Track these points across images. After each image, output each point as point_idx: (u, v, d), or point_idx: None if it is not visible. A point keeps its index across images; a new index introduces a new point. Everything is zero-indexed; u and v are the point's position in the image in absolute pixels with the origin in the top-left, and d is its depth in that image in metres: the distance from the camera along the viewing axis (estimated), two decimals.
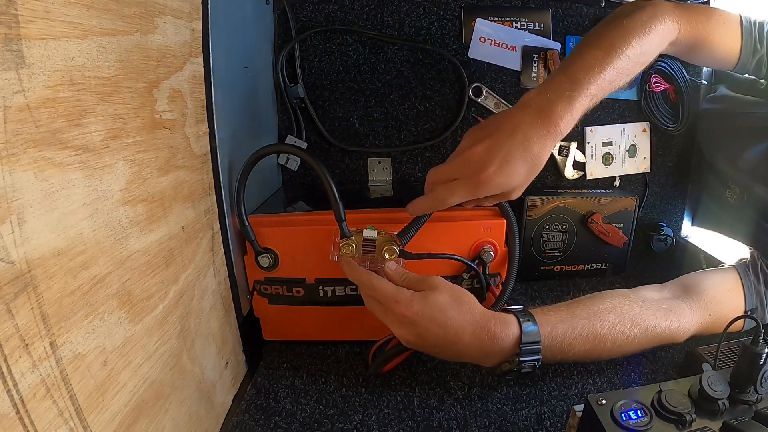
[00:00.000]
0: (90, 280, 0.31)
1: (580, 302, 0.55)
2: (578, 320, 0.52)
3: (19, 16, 0.25)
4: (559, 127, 0.47)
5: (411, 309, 0.47)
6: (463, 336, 0.48)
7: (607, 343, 0.52)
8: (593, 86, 0.48)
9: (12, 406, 0.24)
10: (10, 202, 0.25)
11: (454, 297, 0.49)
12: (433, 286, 0.50)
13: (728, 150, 0.73)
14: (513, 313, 0.51)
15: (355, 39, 0.77)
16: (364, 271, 0.51)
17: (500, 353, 0.49)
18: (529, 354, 0.49)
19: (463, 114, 0.80)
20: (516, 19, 0.79)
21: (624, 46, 0.50)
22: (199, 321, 0.47)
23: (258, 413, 0.51)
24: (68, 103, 0.29)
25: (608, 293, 0.57)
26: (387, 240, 0.52)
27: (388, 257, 0.51)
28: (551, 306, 0.54)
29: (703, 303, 0.57)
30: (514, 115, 0.48)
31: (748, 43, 0.59)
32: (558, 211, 0.77)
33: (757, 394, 0.40)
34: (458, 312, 0.48)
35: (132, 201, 0.36)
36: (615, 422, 0.37)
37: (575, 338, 0.51)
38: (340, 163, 0.82)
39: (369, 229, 0.52)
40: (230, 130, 0.54)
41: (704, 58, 0.62)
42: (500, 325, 0.49)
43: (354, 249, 0.52)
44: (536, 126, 0.47)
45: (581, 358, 0.52)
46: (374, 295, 0.50)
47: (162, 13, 0.40)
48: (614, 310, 0.53)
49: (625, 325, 0.52)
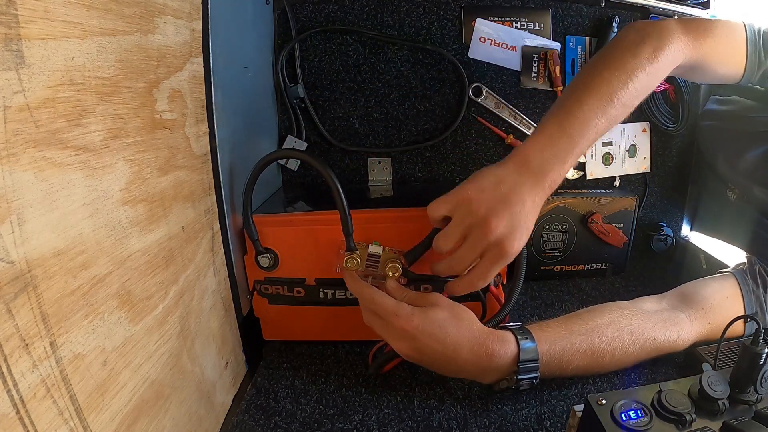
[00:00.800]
0: (90, 280, 0.31)
1: (579, 317, 0.54)
2: (576, 336, 0.51)
3: (19, 16, 0.25)
4: (552, 189, 0.48)
5: (411, 323, 0.48)
6: (461, 352, 0.48)
7: (606, 358, 0.52)
8: (585, 143, 0.49)
9: (12, 406, 0.24)
10: (10, 202, 0.25)
11: (453, 313, 0.49)
12: (433, 302, 0.50)
13: (728, 152, 0.73)
14: (511, 331, 0.51)
15: (355, 39, 0.77)
16: (365, 285, 0.52)
17: (498, 370, 0.49)
18: (527, 372, 0.49)
19: (463, 114, 0.80)
20: (516, 19, 0.79)
21: (623, 94, 0.49)
22: (199, 321, 0.47)
23: (258, 413, 0.51)
24: (68, 103, 0.29)
25: (607, 307, 0.56)
26: (391, 257, 0.53)
27: (391, 274, 0.52)
28: (549, 321, 0.54)
29: (702, 312, 0.57)
30: (516, 178, 0.47)
31: (753, 56, 0.57)
32: (558, 211, 0.77)
33: (757, 394, 0.40)
34: (457, 328, 0.48)
35: (132, 201, 0.36)
36: (615, 422, 0.37)
37: (573, 354, 0.51)
38: (340, 163, 0.82)
39: (374, 245, 0.53)
40: (230, 130, 0.54)
41: (708, 77, 0.61)
42: (498, 342, 0.49)
43: (358, 263, 0.52)
44: (538, 192, 0.48)
45: (580, 373, 0.52)
46: (374, 309, 0.50)
47: (162, 13, 0.40)
48: (613, 325, 0.53)
49: (624, 339, 0.52)
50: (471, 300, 0.60)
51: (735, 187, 0.74)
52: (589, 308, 0.56)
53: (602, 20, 0.79)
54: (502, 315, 0.58)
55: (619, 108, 0.49)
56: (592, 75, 0.51)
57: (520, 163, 0.48)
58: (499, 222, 0.46)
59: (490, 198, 0.47)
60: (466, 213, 0.47)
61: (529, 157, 0.48)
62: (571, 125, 0.48)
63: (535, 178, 0.47)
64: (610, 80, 0.50)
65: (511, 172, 0.48)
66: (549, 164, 0.48)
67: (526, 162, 0.48)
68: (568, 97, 0.51)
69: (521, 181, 0.47)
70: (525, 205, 0.47)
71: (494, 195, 0.47)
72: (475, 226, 0.47)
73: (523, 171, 0.48)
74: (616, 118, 0.50)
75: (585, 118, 0.49)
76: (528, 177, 0.47)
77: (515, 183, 0.47)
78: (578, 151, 0.48)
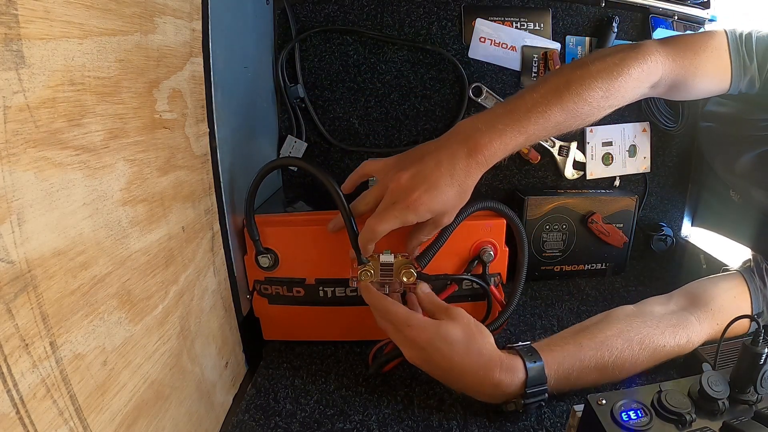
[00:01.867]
0: (90, 280, 0.31)
1: (587, 331, 0.53)
2: (586, 352, 0.50)
3: (19, 16, 0.25)
4: (483, 157, 0.48)
5: (421, 335, 0.48)
6: (465, 376, 0.48)
7: (616, 371, 0.51)
8: (532, 126, 0.48)
9: (12, 406, 0.24)
10: (10, 202, 0.25)
11: (467, 334, 0.48)
12: (452, 316, 0.50)
13: (726, 154, 0.73)
14: (519, 354, 0.49)
15: (355, 39, 0.77)
16: (379, 296, 0.52)
17: (503, 396, 0.49)
18: (534, 396, 0.48)
19: (463, 114, 0.79)
20: (516, 19, 0.79)
21: (581, 89, 0.49)
22: (199, 321, 0.47)
23: (258, 413, 0.51)
24: (68, 103, 0.29)
25: (614, 315, 0.55)
26: (404, 263, 0.53)
27: (407, 280, 0.53)
28: (557, 338, 0.52)
29: (710, 313, 0.56)
30: (440, 144, 0.49)
31: (737, 63, 0.57)
32: (558, 211, 0.77)
33: (757, 394, 0.40)
34: (466, 351, 0.47)
35: (132, 201, 0.36)
36: (615, 422, 0.37)
37: (583, 371, 0.50)
38: (340, 163, 0.82)
39: (386, 254, 0.53)
40: (230, 130, 0.54)
41: (692, 93, 0.60)
42: (505, 372, 0.47)
43: (372, 275, 0.53)
44: (460, 156, 0.47)
45: (589, 386, 0.52)
46: (388, 319, 0.51)
47: (162, 13, 0.40)
48: (621, 335, 0.52)
49: (634, 350, 0.51)
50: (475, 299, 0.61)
51: (734, 189, 0.74)
52: (596, 319, 0.55)
53: (602, 20, 0.79)
54: (503, 319, 0.59)
55: (577, 101, 0.49)
56: (549, 74, 0.53)
57: (452, 131, 0.50)
58: (405, 174, 0.47)
59: (408, 161, 0.49)
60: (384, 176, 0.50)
61: (459, 127, 0.50)
62: (516, 105, 0.49)
63: (461, 144, 0.48)
64: (568, 76, 0.50)
65: (439, 141, 0.50)
66: (479, 133, 0.48)
67: (455, 131, 0.50)
68: (523, 89, 0.52)
69: (443, 145, 0.49)
70: (440, 166, 0.47)
71: (413, 157, 0.49)
72: (388, 181, 0.49)
73: (450, 137, 0.49)
74: (577, 113, 0.49)
75: (533, 101, 0.49)
76: (453, 143, 0.48)
77: (436, 147, 0.49)
78: (522, 129, 0.48)
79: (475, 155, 0.47)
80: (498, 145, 0.48)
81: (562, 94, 0.49)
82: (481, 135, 0.48)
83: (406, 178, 0.47)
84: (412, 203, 0.47)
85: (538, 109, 0.48)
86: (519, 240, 0.60)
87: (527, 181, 0.84)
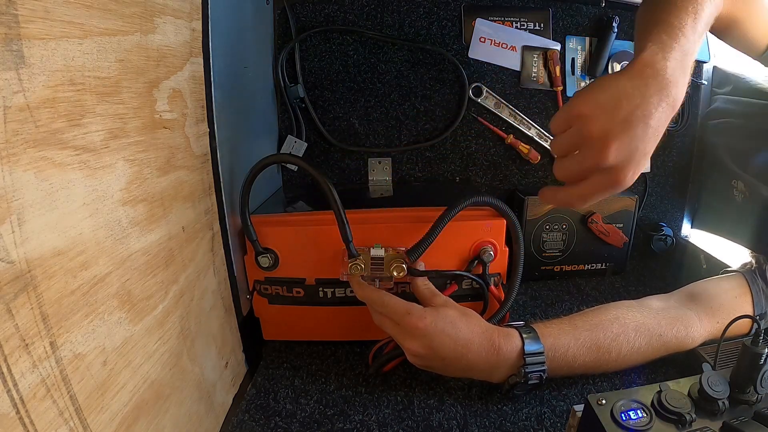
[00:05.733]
0: (90, 280, 0.31)
1: (582, 314, 0.54)
2: (581, 331, 0.51)
3: (19, 16, 0.25)
4: (674, 109, 0.42)
5: (423, 321, 0.49)
6: (471, 347, 0.49)
7: (612, 353, 0.51)
8: (693, 58, 0.43)
9: (12, 406, 0.24)
10: (10, 202, 0.25)
11: (462, 312, 0.51)
12: (443, 302, 0.52)
13: (739, 149, 0.72)
14: (514, 327, 0.51)
15: (355, 39, 0.77)
16: (373, 290, 0.52)
17: (506, 364, 0.50)
18: (534, 365, 0.49)
19: (463, 114, 0.80)
20: (516, 19, 0.79)
21: (702, 10, 0.44)
22: (199, 321, 0.47)
23: (258, 413, 0.51)
24: (68, 103, 0.29)
25: (611, 305, 0.56)
26: (394, 257, 0.53)
27: (397, 274, 0.53)
28: (553, 320, 0.54)
29: (711, 311, 0.56)
30: (642, 95, 0.40)
31: None
32: (558, 211, 0.76)
33: (757, 394, 0.40)
34: (467, 325, 0.50)
35: (132, 201, 0.36)
36: (615, 422, 0.37)
37: (579, 349, 0.51)
38: (340, 163, 0.82)
39: (376, 248, 0.53)
40: (230, 130, 0.54)
41: (735, 41, 0.57)
42: (503, 337, 0.50)
43: (363, 268, 0.53)
44: (662, 107, 0.41)
45: (588, 369, 0.52)
46: (386, 312, 0.51)
47: (162, 13, 0.40)
48: (617, 320, 0.53)
49: (629, 335, 0.52)
50: (475, 299, 0.61)
51: (742, 185, 0.73)
52: (593, 307, 0.56)
53: (602, 20, 0.79)
54: (503, 312, 0.58)
55: (702, 27, 0.44)
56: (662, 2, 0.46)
57: (645, 72, 0.41)
58: (615, 148, 0.39)
59: (608, 118, 0.40)
60: (577, 132, 0.41)
61: (656, 65, 0.41)
62: (676, 36, 0.43)
63: (663, 89, 0.40)
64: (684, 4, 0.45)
65: (637, 84, 0.40)
66: (675, 73, 0.41)
67: (653, 70, 0.41)
68: (653, 15, 0.46)
69: (648, 94, 0.40)
70: (649, 126, 0.40)
71: (614, 115, 0.40)
72: (588, 148, 0.41)
73: (651, 82, 0.40)
74: (701, 36, 0.45)
75: (684, 30, 0.43)
76: (655, 89, 0.40)
77: (641, 97, 0.40)
78: (690, 64, 0.43)
79: (674, 105, 0.41)
80: (684, 88, 0.42)
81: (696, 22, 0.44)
82: (677, 76, 0.41)
83: (616, 154, 0.40)
84: (625, 185, 0.41)
85: (689, 40, 0.43)
86: (514, 233, 0.59)
87: (527, 181, 0.84)
